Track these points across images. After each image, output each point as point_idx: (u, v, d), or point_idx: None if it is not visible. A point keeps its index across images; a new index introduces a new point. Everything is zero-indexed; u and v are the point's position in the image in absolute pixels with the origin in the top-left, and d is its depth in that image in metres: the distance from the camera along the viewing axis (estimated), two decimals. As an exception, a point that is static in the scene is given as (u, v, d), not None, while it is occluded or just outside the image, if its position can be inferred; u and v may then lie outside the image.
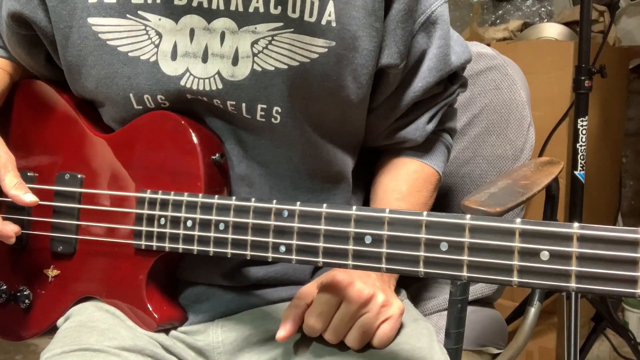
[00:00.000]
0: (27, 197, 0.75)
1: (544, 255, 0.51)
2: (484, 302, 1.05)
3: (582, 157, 1.57)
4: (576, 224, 0.50)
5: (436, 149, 0.90)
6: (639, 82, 2.48)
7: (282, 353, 0.74)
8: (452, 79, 0.87)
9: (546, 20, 2.35)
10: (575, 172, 1.57)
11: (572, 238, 0.50)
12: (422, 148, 0.89)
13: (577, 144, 1.58)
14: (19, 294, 0.84)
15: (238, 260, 0.77)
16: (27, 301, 0.83)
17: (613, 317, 1.67)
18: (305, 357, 0.72)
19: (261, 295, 0.78)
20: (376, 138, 0.87)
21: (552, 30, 2.07)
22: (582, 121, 1.57)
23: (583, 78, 1.56)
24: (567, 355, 1.48)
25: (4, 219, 0.76)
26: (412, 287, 1.02)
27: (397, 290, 0.84)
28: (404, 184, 0.87)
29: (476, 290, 1.02)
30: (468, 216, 0.54)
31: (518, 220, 0.52)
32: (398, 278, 0.82)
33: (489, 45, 1.21)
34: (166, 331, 0.77)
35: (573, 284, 0.50)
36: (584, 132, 1.57)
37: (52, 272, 0.82)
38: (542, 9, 2.40)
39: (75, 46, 0.76)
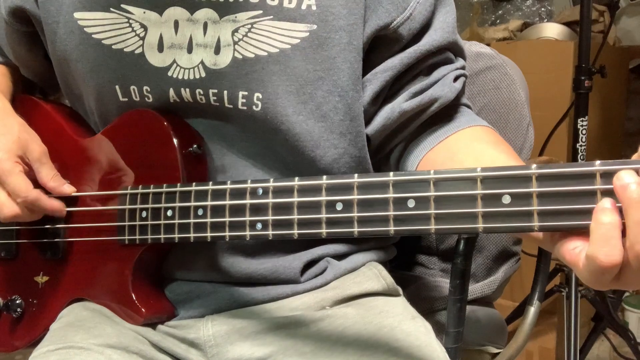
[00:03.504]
0: (66, 187, 0.78)
1: (506, 199, 0.52)
2: (483, 301, 1.05)
3: (582, 157, 1.57)
4: (534, 165, 0.51)
5: (469, 114, 0.82)
6: (639, 82, 2.48)
7: (278, 350, 0.73)
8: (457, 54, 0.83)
9: (546, 20, 2.36)
10: (575, 172, 1.57)
11: (531, 178, 0.51)
12: (458, 119, 0.80)
13: (577, 144, 1.58)
14: (10, 304, 0.84)
15: (226, 254, 0.77)
16: (19, 310, 0.84)
17: (613, 317, 1.67)
18: (304, 355, 0.72)
19: (251, 294, 0.78)
20: (396, 108, 0.78)
21: (552, 30, 2.07)
22: (582, 121, 1.57)
23: (583, 78, 1.56)
24: (567, 355, 1.49)
25: None
26: (411, 287, 1.02)
27: (396, 290, 0.84)
28: (477, 143, 0.75)
29: (476, 290, 1.03)
30: (432, 171, 0.56)
31: (479, 168, 0.53)
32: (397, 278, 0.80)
33: (488, 45, 1.21)
34: (154, 326, 0.77)
35: (536, 223, 0.51)
36: (583, 132, 1.57)
37: (41, 279, 0.83)
38: (542, 9, 2.40)
39: (62, 41, 0.78)
